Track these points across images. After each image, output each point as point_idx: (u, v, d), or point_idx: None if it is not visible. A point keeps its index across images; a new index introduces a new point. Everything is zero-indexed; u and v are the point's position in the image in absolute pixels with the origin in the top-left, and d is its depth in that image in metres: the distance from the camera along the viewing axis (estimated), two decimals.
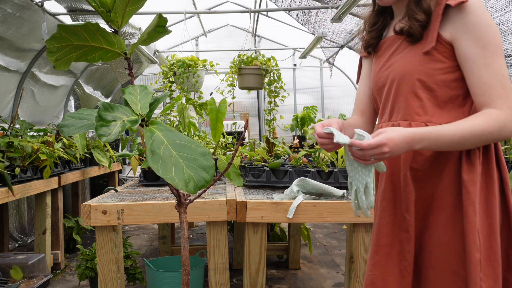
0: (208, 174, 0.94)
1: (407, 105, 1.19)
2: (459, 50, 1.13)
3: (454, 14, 1.12)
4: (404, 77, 1.19)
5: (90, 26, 0.98)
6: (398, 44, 1.23)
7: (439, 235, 1.15)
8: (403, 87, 1.19)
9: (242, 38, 5.87)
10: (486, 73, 1.09)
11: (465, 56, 1.12)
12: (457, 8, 1.11)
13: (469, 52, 1.11)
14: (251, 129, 7.24)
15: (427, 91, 1.16)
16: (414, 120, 1.18)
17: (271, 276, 3.33)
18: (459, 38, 1.12)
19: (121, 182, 5.65)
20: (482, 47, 1.09)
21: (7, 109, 3.94)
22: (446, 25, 1.14)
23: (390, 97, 1.24)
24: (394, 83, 1.21)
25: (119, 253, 2.07)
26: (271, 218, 1.97)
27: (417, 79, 1.16)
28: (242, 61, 3.77)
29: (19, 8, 3.31)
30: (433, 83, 1.15)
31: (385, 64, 1.26)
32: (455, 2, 1.11)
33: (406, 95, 1.19)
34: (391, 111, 1.24)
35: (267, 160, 2.61)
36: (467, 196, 1.10)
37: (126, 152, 2.62)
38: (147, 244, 4.34)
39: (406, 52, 1.20)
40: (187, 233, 1.14)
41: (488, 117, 1.07)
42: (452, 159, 1.15)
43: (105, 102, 0.96)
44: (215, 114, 2.37)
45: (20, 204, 4.25)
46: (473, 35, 1.10)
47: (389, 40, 1.27)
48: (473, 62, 1.11)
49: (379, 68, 1.28)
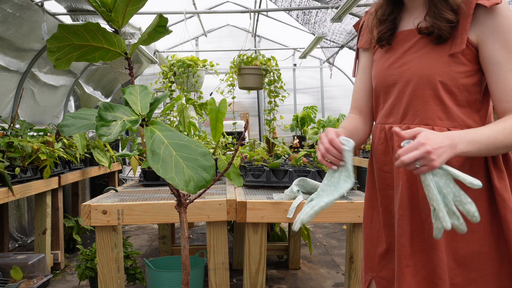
0: (208, 174, 0.94)
1: (428, 108, 1.12)
2: (485, 53, 1.09)
3: (484, 15, 1.08)
4: (424, 78, 1.12)
5: (91, 25, 0.98)
6: (415, 40, 1.16)
7: (475, 246, 1.10)
8: (423, 89, 1.13)
9: (242, 38, 5.87)
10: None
11: (491, 60, 1.08)
12: (488, 9, 1.07)
13: (496, 56, 1.07)
14: (251, 129, 7.25)
15: (449, 95, 1.11)
16: (437, 124, 1.12)
17: (271, 276, 3.33)
18: (486, 41, 1.08)
19: (121, 182, 5.65)
20: (510, 52, 1.06)
21: (7, 109, 3.94)
22: (473, 27, 1.09)
23: (403, 98, 1.16)
24: (411, 83, 1.14)
25: (119, 253, 2.07)
26: (271, 218, 1.97)
27: (440, 82, 1.11)
28: (242, 61, 3.77)
29: (19, 8, 3.31)
30: (455, 86, 1.11)
31: (398, 60, 1.18)
32: (490, 2, 1.06)
33: (427, 98, 1.12)
34: (404, 112, 1.17)
35: (267, 160, 2.61)
36: (504, 204, 1.07)
37: (126, 152, 2.62)
38: (147, 244, 4.34)
39: (427, 52, 1.13)
40: (187, 233, 1.15)
41: None
42: (478, 166, 1.12)
43: (105, 102, 0.96)
44: (215, 114, 2.37)
45: (20, 204, 4.25)
46: (502, 39, 1.06)
47: (403, 34, 1.19)
48: (500, 66, 1.07)
49: (389, 64, 1.20)
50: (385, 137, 1.22)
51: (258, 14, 5.69)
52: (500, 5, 1.06)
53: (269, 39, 7.14)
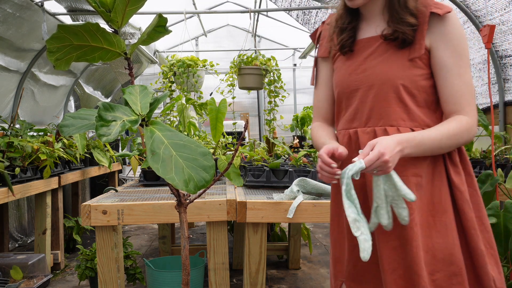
0: (208, 174, 0.94)
1: (391, 110, 1.19)
2: (435, 58, 1.17)
3: (437, 23, 1.16)
4: (387, 82, 1.19)
5: (90, 26, 0.98)
6: (376, 47, 1.23)
7: (448, 238, 1.15)
8: (386, 92, 1.19)
9: (242, 38, 5.87)
10: (459, 82, 1.16)
11: (440, 65, 1.17)
12: (441, 17, 1.16)
13: (445, 61, 1.16)
14: (251, 129, 7.25)
15: (410, 97, 1.19)
16: (400, 125, 1.19)
17: (271, 276, 3.33)
18: (437, 47, 1.17)
19: (121, 182, 5.65)
20: (457, 58, 1.16)
21: (7, 109, 3.94)
22: (428, 33, 1.17)
23: (367, 102, 1.22)
24: (374, 88, 1.21)
25: (119, 253, 2.07)
26: (271, 218, 1.97)
27: (402, 85, 1.18)
28: (242, 61, 3.77)
29: (19, 8, 3.31)
30: (415, 88, 1.18)
31: (359, 67, 1.24)
32: (442, 11, 1.15)
33: (390, 100, 1.19)
34: (368, 116, 1.22)
35: (267, 160, 2.61)
36: (461, 196, 1.16)
37: (126, 152, 2.62)
38: (147, 244, 4.34)
39: (388, 57, 1.20)
40: (187, 233, 1.15)
41: (459, 123, 1.14)
42: (439, 163, 1.19)
43: (105, 102, 0.96)
44: (215, 114, 2.37)
45: (20, 204, 4.25)
46: (451, 45, 1.16)
47: (363, 42, 1.26)
48: (447, 71, 1.16)
49: (351, 71, 1.26)
50: (349, 142, 1.27)
51: (258, 14, 5.69)
52: (451, 13, 1.16)
53: (269, 39, 7.14)
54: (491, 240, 1.18)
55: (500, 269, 1.17)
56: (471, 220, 1.15)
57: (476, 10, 3.32)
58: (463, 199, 1.16)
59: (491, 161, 2.51)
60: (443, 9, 1.16)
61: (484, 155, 2.86)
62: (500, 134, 3.01)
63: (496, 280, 1.14)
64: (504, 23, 3.13)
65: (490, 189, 1.96)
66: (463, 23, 3.57)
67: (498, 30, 3.20)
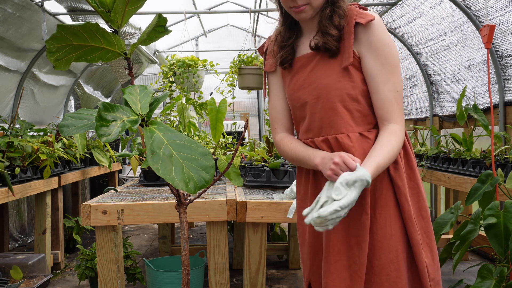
0: (208, 174, 0.94)
1: (339, 118, 1.25)
2: (363, 66, 1.23)
3: (361, 32, 1.22)
4: (331, 93, 1.24)
5: (90, 26, 0.98)
6: (316, 61, 1.27)
7: (386, 229, 1.23)
8: (332, 102, 1.24)
9: (242, 38, 5.87)
10: (384, 89, 1.21)
11: (367, 72, 1.22)
12: (364, 26, 1.20)
13: (372, 68, 1.21)
14: (251, 129, 7.25)
15: (355, 103, 1.24)
16: (349, 131, 1.25)
17: (271, 276, 3.33)
18: (364, 55, 1.22)
19: (121, 182, 5.65)
20: (381, 65, 1.21)
21: (7, 109, 3.94)
22: (355, 42, 1.23)
23: (316, 113, 1.28)
24: (320, 99, 1.26)
25: (119, 253, 2.07)
26: (271, 218, 1.97)
27: (346, 93, 1.23)
28: (242, 61, 3.77)
29: (19, 8, 3.31)
30: (359, 94, 1.24)
31: (305, 82, 1.29)
32: (365, 20, 1.19)
33: (337, 109, 1.24)
34: (320, 126, 1.28)
35: (267, 160, 2.61)
36: (398, 191, 1.24)
37: (126, 152, 2.62)
38: (147, 244, 4.34)
39: (327, 69, 1.25)
40: (187, 233, 1.15)
41: (395, 135, 1.21)
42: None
43: (105, 102, 0.96)
44: (215, 114, 2.37)
45: (20, 204, 4.25)
46: (375, 53, 1.21)
47: (304, 58, 1.30)
48: (374, 77, 1.22)
49: (297, 87, 1.31)
50: None
51: (258, 14, 5.69)
52: (374, 21, 1.20)
53: None
54: (428, 229, 1.27)
55: (434, 256, 1.26)
56: (408, 213, 1.23)
57: (476, 10, 3.32)
58: (400, 193, 1.23)
59: (491, 161, 2.52)
60: (366, 18, 1.20)
61: (484, 155, 2.87)
62: (500, 134, 3.02)
63: (428, 266, 1.23)
64: (504, 23, 3.13)
65: (490, 189, 1.96)
66: (463, 23, 3.57)
67: (498, 30, 3.20)
